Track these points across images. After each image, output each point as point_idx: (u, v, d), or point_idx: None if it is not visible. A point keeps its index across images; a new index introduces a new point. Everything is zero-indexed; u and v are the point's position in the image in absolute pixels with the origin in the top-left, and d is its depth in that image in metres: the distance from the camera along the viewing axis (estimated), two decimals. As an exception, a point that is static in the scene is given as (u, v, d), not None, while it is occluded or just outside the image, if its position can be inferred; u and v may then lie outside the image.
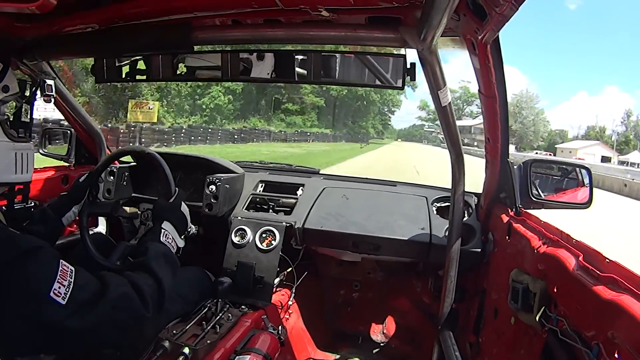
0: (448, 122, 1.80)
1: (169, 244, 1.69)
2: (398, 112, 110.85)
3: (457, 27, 1.38)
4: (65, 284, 1.17)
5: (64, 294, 1.16)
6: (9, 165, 1.49)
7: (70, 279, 1.20)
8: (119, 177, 2.78)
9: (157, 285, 1.43)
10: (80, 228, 2.05)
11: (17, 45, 1.79)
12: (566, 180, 2.39)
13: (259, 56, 1.65)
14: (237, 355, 1.92)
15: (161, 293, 1.42)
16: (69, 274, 1.20)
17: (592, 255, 1.37)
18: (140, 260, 1.52)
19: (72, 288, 1.18)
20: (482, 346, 2.28)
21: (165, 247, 1.66)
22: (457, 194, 2.18)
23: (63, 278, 1.18)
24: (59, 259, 1.22)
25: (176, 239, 1.77)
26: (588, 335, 1.23)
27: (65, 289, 1.16)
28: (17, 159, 1.51)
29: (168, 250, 1.66)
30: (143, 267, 1.48)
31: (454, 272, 2.24)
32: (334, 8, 1.37)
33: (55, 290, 1.15)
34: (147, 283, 1.40)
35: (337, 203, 2.82)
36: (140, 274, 1.43)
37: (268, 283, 2.50)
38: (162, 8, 1.51)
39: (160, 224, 1.73)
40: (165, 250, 1.64)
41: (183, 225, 1.86)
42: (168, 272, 1.52)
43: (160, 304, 1.41)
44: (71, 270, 1.22)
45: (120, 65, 1.85)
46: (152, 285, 1.41)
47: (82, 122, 2.91)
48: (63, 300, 1.15)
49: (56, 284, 1.16)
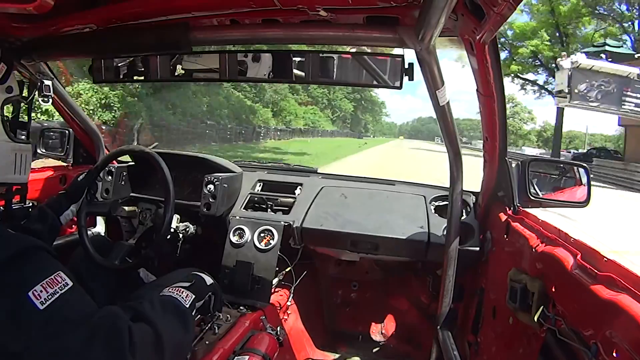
0: (446, 121, 1.80)
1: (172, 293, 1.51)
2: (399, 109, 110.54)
3: (455, 27, 1.39)
4: (50, 292, 1.09)
5: (44, 299, 1.07)
6: (9, 165, 1.49)
7: (60, 290, 1.11)
8: (117, 177, 2.77)
9: (153, 333, 1.25)
10: (78, 227, 2.05)
11: (14, 45, 1.78)
12: (564, 179, 2.39)
13: (257, 56, 1.64)
14: (235, 355, 1.92)
15: (158, 342, 1.24)
16: (60, 286, 1.12)
17: (590, 253, 1.38)
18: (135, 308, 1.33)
19: (55, 299, 1.09)
20: (481, 345, 2.28)
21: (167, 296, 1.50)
22: (455, 192, 2.18)
23: (50, 286, 1.10)
24: (58, 269, 1.15)
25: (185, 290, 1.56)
26: (586, 335, 1.24)
27: (47, 296, 1.08)
28: (16, 159, 1.50)
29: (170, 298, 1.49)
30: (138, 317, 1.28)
31: (452, 271, 2.24)
32: (332, 8, 1.37)
33: (36, 292, 1.06)
34: (140, 328, 1.22)
35: (336, 202, 2.82)
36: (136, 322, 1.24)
37: (266, 283, 2.50)
38: (159, 8, 1.51)
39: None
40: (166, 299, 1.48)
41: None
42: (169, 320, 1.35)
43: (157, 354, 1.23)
44: (66, 284, 1.14)
45: (118, 65, 1.85)
46: (148, 331, 1.24)
47: (79, 122, 2.91)
48: (41, 305, 1.06)
49: (39, 286, 1.08)
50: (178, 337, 1.35)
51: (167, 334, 1.27)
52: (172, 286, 1.56)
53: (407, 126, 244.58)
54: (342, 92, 72.47)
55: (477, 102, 1.83)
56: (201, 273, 1.78)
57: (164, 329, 1.27)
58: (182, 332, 1.39)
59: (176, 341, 1.33)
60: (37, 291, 1.07)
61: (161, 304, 1.40)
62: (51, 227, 1.98)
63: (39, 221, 1.93)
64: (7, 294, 1.06)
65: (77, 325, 1.10)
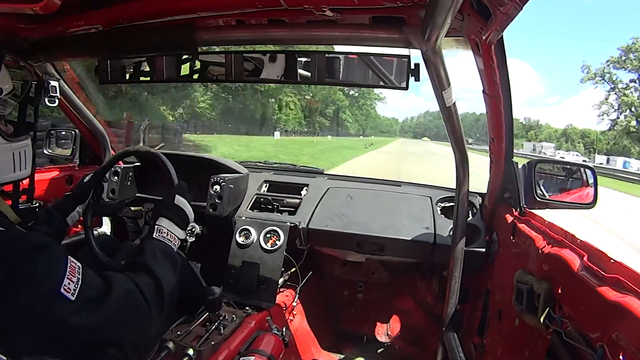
0: (452, 122, 1.79)
1: (165, 239, 1.63)
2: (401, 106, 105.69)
3: (461, 27, 1.38)
4: (74, 280, 1.17)
5: (73, 290, 1.16)
6: (7, 166, 1.49)
7: (79, 275, 1.20)
8: (124, 177, 2.79)
9: (155, 284, 1.41)
10: (84, 228, 2.06)
11: (21, 46, 1.79)
12: (570, 180, 2.38)
13: (263, 57, 1.64)
14: (241, 356, 1.92)
15: (160, 291, 1.41)
16: (77, 271, 1.21)
17: (597, 255, 1.37)
18: (137, 259, 1.50)
19: (80, 285, 1.18)
20: (487, 347, 2.27)
21: (161, 243, 1.61)
22: (462, 193, 2.17)
23: (72, 274, 1.18)
24: (67, 255, 1.22)
25: (174, 231, 1.69)
26: (593, 337, 1.23)
27: (74, 285, 1.17)
28: (14, 158, 1.50)
29: (164, 245, 1.61)
30: (140, 266, 1.45)
31: (459, 273, 2.24)
32: (338, 8, 1.36)
33: (66, 286, 1.15)
34: (145, 282, 1.38)
35: (342, 203, 2.82)
36: (138, 274, 1.41)
37: (272, 283, 2.51)
38: (166, 9, 1.51)
39: (155, 222, 1.69)
40: (161, 246, 1.59)
41: (181, 217, 1.76)
42: (166, 269, 1.50)
43: (161, 303, 1.40)
44: (79, 267, 1.22)
45: (125, 66, 1.85)
46: (151, 284, 1.40)
47: (86, 123, 2.92)
48: (72, 296, 1.15)
49: (66, 279, 1.16)
50: (172, 282, 1.51)
51: (165, 281, 1.45)
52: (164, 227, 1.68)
53: (410, 123, 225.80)
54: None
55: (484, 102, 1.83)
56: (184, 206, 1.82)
57: (164, 277, 1.45)
58: (175, 276, 1.55)
59: (171, 285, 1.49)
60: (67, 285, 1.16)
61: (161, 253, 1.56)
62: (58, 228, 2.01)
63: (46, 223, 1.95)
64: (34, 292, 1.12)
65: (102, 301, 1.23)
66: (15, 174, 1.52)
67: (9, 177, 1.51)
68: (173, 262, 1.58)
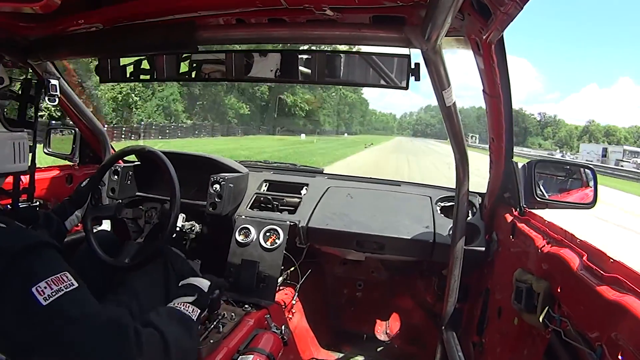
0: (452, 121, 1.79)
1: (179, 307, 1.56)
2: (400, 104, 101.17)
3: (461, 27, 1.38)
4: (55, 289, 1.11)
5: (47, 295, 1.10)
6: (9, 154, 1.49)
7: (65, 289, 1.14)
8: (123, 177, 2.78)
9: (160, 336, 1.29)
10: (85, 232, 2.06)
11: (21, 44, 1.79)
12: (570, 181, 2.38)
13: (263, 56, 1.64)
14: (240, 355, 1.92)
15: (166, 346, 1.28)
16: (66, 285, 1.14)
17: (596, 255, 1.37)
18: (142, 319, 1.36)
19: (59, 296, 1.12)
20: (486, 346, 2.28)
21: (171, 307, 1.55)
22: (461, 193, 2.17)
23: (55, 283, 1.12)
24: (64, 269, 1.18)
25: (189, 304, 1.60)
26: (592, 337, 1.23)
27: (51, 292, 1.10)
28: (15, 148, 1.51)
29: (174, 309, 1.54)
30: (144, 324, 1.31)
31: (458, 272, 2.24)
32: (338, 7, 1.36)
33: (40, 288, 1.09)
34: (148, 332, 1.27)
35: (342, 202, 2.82)
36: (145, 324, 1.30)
37: (272, 282, 2.51)
38: (166, 7, 1.51)
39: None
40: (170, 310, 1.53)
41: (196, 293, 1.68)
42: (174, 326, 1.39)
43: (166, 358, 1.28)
44: (71, 284, 1.16)
45: (125, 65, 1.85)
46: (154, 334, 1.28)
47: (86, 122, 2.93)
48: (44, 301, 1.09)
49: (44, 283, 1.10)
50: (184, 344, 1.38)
51: (173, 339, 1.31)
52: (177, 302, 1.59)
53: (410, 119, 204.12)
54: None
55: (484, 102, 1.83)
56: (195, 281, 1.77)
57: (171, 335, 1.31)
58: (188, 339, 1.44)
59: (182, 347, 1.36)
60: (41, 287, 1.10)
61: (167, 313, 1.46)
62: (57, 232, 2.02)
63: (45, 226, 1.96)
64: (15, 286, 1.10)
65: (80, 323, 1.13)
66: (15, 165, 1.52)
67: (9, 168, 1.51)
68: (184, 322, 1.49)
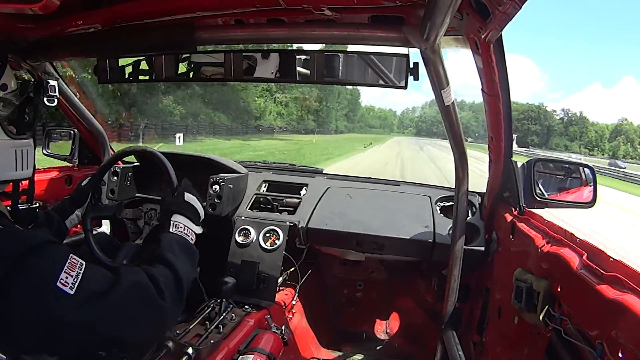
0: (451, 121, 1.79)
1: (182, 233, 1.65)
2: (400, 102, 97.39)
3: (460, 27, 1.38)
4: (74, 275, 1.15)
5: (71, 283, 1.14)
6: (9, 163, 1.48)
7: (80, 270, 1.18)
8: (123, 178, 2.78)
9: (173, 275, 1.39)
10: (84, 231, 2.06)
11: (20, 45, 1.79)
12: (570, 180, 2.38)
13: (262, 56, 1.64)
14: (240, 355, 1.92)
15: (178, 282, 1.39)
16: (78, 267, 1.18)
17: (596, 254, 1.37)
18: (154, 252, 1.49)
19: (80, 279, 1.16)
20: (486, 345, 2.28)
21: (178, 236, 1.62)
22: (461, 193, 2.17)
23: (71, 269, 1.16)
24: (68, 253, 1.21)
25: (190, 226, 1.71)
26: (592, 335, 1.23)
27: (73, 279, 1.14)
28: (17, 156, 1.50)
29: (181, 238, 1.62)
30: (157, 259, 1.44)
31: (458, 271, 2.24)
32: (337, 7, 1.36)
33: (62, 280, 1.13)
34: (162, 273, 1.36)
35: (341, 202, 2.82)
36: (155, 265, 1.40)
37: (272, 282, 2.51)
38: (165, 8, 1.51)
39: (169, 219, 1.69)
40: (179, 239, 1.61)
41: (193, 212, 1.78)
42: (184, 260, 1.49)
43: (180, 294, 1.39)
44: (81, 263, 1.20)
45: (123, 65, 1.85)
46: (168, 275, 1.38)
47: (85, 123, 2.92)
48: (71, 290, 1.13)
49: (63, 274, 1.14)
50: (191, 275, 1.52)
51: (185, 274, 1.44)
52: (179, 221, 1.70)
53: (412, 116, 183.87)
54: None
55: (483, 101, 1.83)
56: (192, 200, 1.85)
57: (182, 270, 1.44)
58: (194, 271, 1.60)
59: (190, 279, 1.49)
60: (63, 279, 1.14)
61: (178, 245, 1.56)
62: (57, 231, 2.01)
63: (45, 226, 1.97)
64: (31, 289, 1.11)
65: (106, 294, 1.20)
66: (17, 173, 1.52)
67: (11, 175, 1.51)
68: (191, 254, 1.60)
